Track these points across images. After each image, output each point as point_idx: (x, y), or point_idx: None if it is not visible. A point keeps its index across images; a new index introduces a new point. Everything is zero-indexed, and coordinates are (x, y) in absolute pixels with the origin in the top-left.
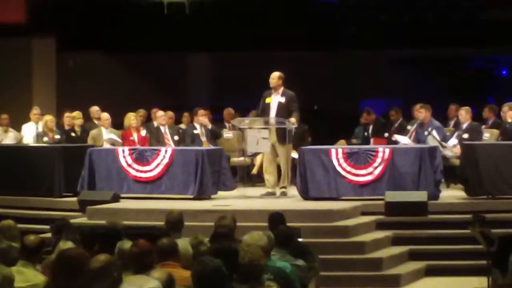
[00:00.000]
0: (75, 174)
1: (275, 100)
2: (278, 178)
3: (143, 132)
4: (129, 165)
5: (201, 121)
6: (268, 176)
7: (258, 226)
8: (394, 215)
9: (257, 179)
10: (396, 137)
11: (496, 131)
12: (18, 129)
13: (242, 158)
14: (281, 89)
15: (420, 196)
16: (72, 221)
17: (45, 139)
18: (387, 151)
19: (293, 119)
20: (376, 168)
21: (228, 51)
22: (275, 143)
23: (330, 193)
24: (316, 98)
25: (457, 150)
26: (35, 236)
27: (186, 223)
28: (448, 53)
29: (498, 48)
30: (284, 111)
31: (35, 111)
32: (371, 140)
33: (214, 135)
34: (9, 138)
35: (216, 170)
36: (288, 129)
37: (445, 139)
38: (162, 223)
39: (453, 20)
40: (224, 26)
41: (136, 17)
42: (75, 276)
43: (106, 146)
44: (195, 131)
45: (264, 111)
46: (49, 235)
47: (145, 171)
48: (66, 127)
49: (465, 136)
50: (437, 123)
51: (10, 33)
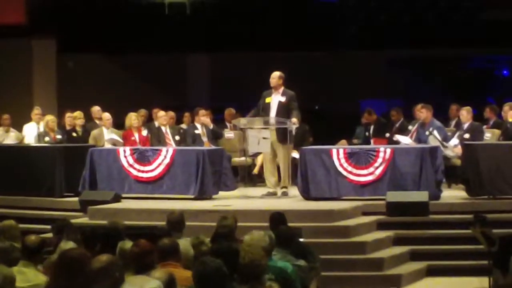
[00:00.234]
0: (76, 174)
1: (275, 100)
2: (279, 178)
3: (144, 132)
4: (130, 165)
5: (203, 121)
6: (269, 176)
7: (259, 226)
8: (395, 215)
9: (258, 179)
10: (397, 137)
11: (497, 131)
12: (20, 129)
13: (243, 158)
14: (281, 89)
15: (421, 196)
16: (73, 221)
17: (47, 139)
18: (388, 151)
19: (295, 119)
20: (377, 168)
21: (229, 52)
22: (275, 143)
23: (331, 193)
24: (317, 98)
25: (458, 150)
26: (36, 236)
27: (187, 223)
28: (449, 53)
29: (499, 48)
30: (284, 111)
31: (37, 111)
32: (372, 140)
33: (215, 135)
34: (11, 138)
35: (217, 170)
36: (289, 129)
37: (446, 139)
38: (163, 223)
39: (453, 20)
40: (225, 27)
41: (137, 18)
42: (76, 277)
43: (108, 146)
44: (196, 131)
45: (264, 111)
46: (50, 235)
47: (146, 171)
48: (68, 127)
49: (466, 136)
50: (438, 123)
51: (11, 34)
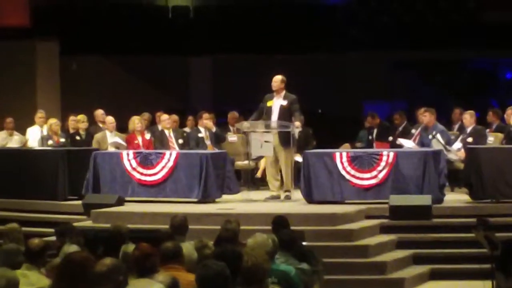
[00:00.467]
0: (80, 178)
1: (277, 103)
2: (282, 181)
3: (148, 136)
4: (134, 169)
5: (206, 124)
6: (272, 180)
7: (262, 230)
8: (398, 219)
9: (261, 183)
10: (401, 141)
11: (501, 135)
12: (23, 133)
13: (247, 162)
14: (283, 92)
15: (424, 200)
16: (77, 225)
17: (50, 143)
18: (391, 155)
19: (298, 123)
20: (380, 172)
21: (232, 55)
22: (277, 147)
23: (334, 197)
24: (320, 102)
25: (462, 154)
26: (40, 240)
27: (190, 227)
28: (452, 56)
29: (501, 51)
30: (286, 114)
31: (40, 115)
32: (374, 144)
33: (219, 139)
34: (14, 142)
35: (221, 174)
36: (292, 133)
37: (450, 143)
38: (167, 227)
39: (456, 23)
40: (228, 30)
41: (141, 21)
42: (79, 280)
43: (111, 150)
44: (200, 135)
45: (266, 115)
46: (54, 239)
47: (150, 175)
48: (71, 131)
49: (470, 140)
50: (442, 127)
51: (14, 36)
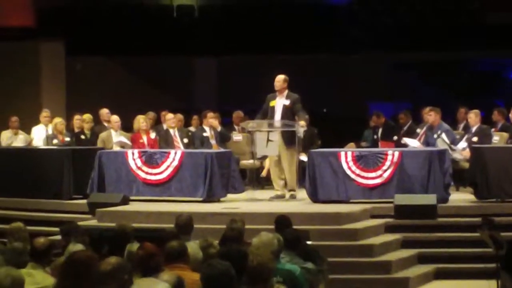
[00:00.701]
0: (85, 177)
1: (280, 103)
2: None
3: (153, 135)
4: (139, 168)
5: (211, 123)
6: (276, 179)
7: (267, 229)
8: (403, 218)
9: (266, 182)
10: (406, 140)
11: (506, 134)
12: (28, 132)
13: (252, 161)
14: (286, 92)
15: (429, 199)
16: (82, 224)
17: (55, 142)
18: (396, 154)
19: (303, 122)
20: (386, 171)
21: (237, 54)
22: (280, 146)
23: (339, 196)
24: (325, 101)
25: (467, 153)
26: (45, 239)
27: (195, 226)
28: (456, 56)
29: (506, 51)
30: (289, 114)
31: (45, 114)
32: (379, 143)
33: (224, 138)
34: (19, 141)
35: (225, 173)
36: (296, 132)
37: (455, 142)
38: (172, 226)
39: (459, 24)
40: (233, 29)
41: (145, 20)
42: (84, 279)
43: (116, 149)
44: (205, 134)
45: (268, 114)
46: (59, 238)
47: (155, 174)
48: (76, 130)
49: (475, 139)
50: (447, 126)
51: (19, 37)
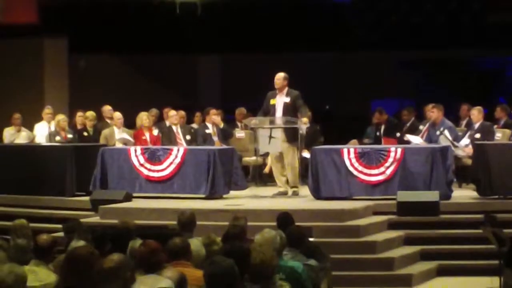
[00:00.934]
0: (88, 174)
1: (280, 101)
2: None
3: (155, 132)
4: (141, 165)
5: (214, 120)
6: (279, 176)
7: (270, 226)
8: (406, 215)
9: (269, 179)
10: (408, 137)
11: (508, 131)
12: (31, 129)
13: (254, 158)
14: (286, 89)
15: (432, 196)
16: (84, 221)
17: (58, 139)
18: (399, 151)
19: (305, 119)
20: (388, 168)
21: (240, 52)
22: (282, 143)
23: (342, 193)
24: (328, 99)
25: (469, 150)
26: (48, 235)
27: (198, 223)
28: (459, 55)
29: (508, 50)
30: (290, 111)
31: (48, 111)
32: (383, 140)
33: (226, 135)
34: (22, 138)
35: (228, 170)
36: (298, 129)
37: (457, 139)
38: (174, 223)
39: (464, 22)
40: (236, 27)
41: (148, 18)
42: (84, 274)
43: (119, 146)
44: (207, 131)
45: (270, 113)
46: (62, 235)
47: (157, 171)
48: (79, 127)
49: (477, 136)
50: (449, 123)
51: (23, 34)
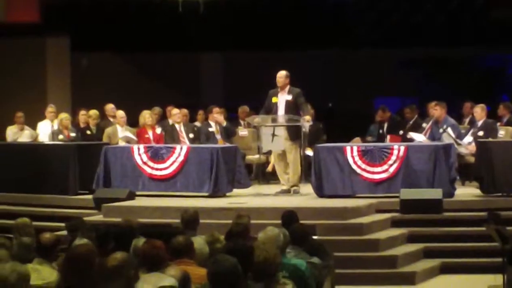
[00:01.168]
0: (91, 172)
1: (282, 99)
2: None
3: (158, 130)
4: (144, 163)
5: (216, 119)
6: (282, 174)
7: (273, 224)
8: (409, 213)
9: (272, 177)
10: (411, 135)
11: (511, 129)
12: (34, 127)
13: (257, 156)
14: (287, 88)
15: (435, 194)
16: (88, 219)
17: (61, 137)
18: (402, 149)
19: (308, 117)
20: (391, 166)
21: (242, 50)
22: (285, 141)
23: (345, 191)
24: (331, 97)
25: (472, 148)
26: (51, 234)
27: (201, 221)
28: (461, 52)
29: (510, 47)
30: (292, 109)
31: (51, 109)
32: (387, 138)
33: (229, 133)
34: (25, 136)
35: (231, 168)
36: (301, 127)
37: (460, 137)
38: (178, 221)
39: (466, 20)
40: (239, 25)
41: (151, 16)
42: (84, 274)
43: (122, 144)
44: (210, 129)
45: (272, 111)
46: (65, 233)
47: (160, 169)
48: (81, 125)
49: (480, 134)
50: (452, 121)
51: (25, 33)
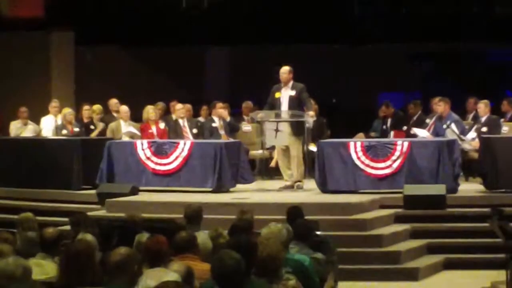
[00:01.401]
0: (94, 167)
1: (286, 94)
2: None
3: (162, 125)
4: (148, 158)
5: (220, 114)
6: (285, 169)
7: (277, 219)
8: (413, 209)
9: (276, 172)
10: (415, 130)
11: None
12: (37, 122)
13: (261, 151)
14: (291, 83)
15: (439, 190)
16: (91, 214)
17: (64, 132)
18: (406, 144)
19: (312, 112)
20: (395, 161)
21: (247, 45)
22: (288, 136)
23: (349, 186)
24: (335, 92)
25: (476, 144)
26: (54, 229)
27: (205, 216)
28: (467, 47)
29: None
30: (296, 104)
31: (54, 104)
32: (391, 133)
33: (233, 128)
34: (28, 131)
35: (235, 163)
36: (305, 122)
37: (464, 133)
38: (181, 216)
39: (470, 14)
40: (243, 20)
41: (155, 10)
42: (83, 270)
43: (125, 139)
44: (214, 124)
45: (275, 106)
46: (68, 228)
47: (164, 164)
48: (85, 120)
49: (484, 130)
50: (456, 116)
51: (29, 27)
